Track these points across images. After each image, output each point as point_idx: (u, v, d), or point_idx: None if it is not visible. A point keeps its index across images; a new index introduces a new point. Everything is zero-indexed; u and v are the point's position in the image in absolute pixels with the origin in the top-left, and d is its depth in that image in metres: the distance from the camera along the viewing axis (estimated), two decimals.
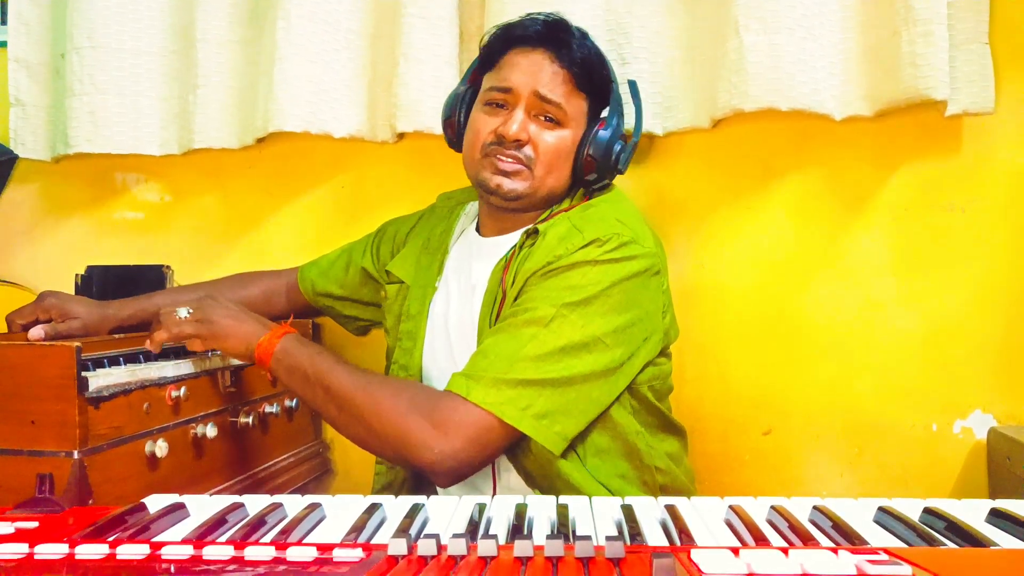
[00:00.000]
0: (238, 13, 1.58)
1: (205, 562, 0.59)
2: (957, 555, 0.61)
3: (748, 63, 1.32)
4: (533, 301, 1.08)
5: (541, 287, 1.09)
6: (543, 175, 1.16)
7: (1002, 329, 1.38)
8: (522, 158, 1.15)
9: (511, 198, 1.17)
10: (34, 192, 1.73)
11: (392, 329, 1.30)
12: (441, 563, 0.57)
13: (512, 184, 1.16)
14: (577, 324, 1.06)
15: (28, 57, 1.65)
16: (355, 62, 1.54)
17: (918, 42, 1.26)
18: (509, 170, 1.15)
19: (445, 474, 1.02)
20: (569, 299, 1.07)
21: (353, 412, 1.05)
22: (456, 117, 1.25)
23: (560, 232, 1.13)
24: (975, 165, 1.38)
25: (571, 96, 1.17)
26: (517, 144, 1.15)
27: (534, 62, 1.16)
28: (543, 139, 1.15)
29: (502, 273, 1.16)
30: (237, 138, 1.59)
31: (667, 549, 0.60)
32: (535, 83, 1.15)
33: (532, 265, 1.12)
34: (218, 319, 1.14)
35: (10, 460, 0.92)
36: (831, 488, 1.43)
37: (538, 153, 1.15)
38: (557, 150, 1.16)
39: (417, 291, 1.27)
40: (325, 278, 1.45)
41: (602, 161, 1.18)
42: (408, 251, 1.33)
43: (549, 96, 1.15)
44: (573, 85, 1.17)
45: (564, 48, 1.16)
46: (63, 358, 0.92)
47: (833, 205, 1.43)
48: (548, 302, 1.07)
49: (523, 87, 1.15)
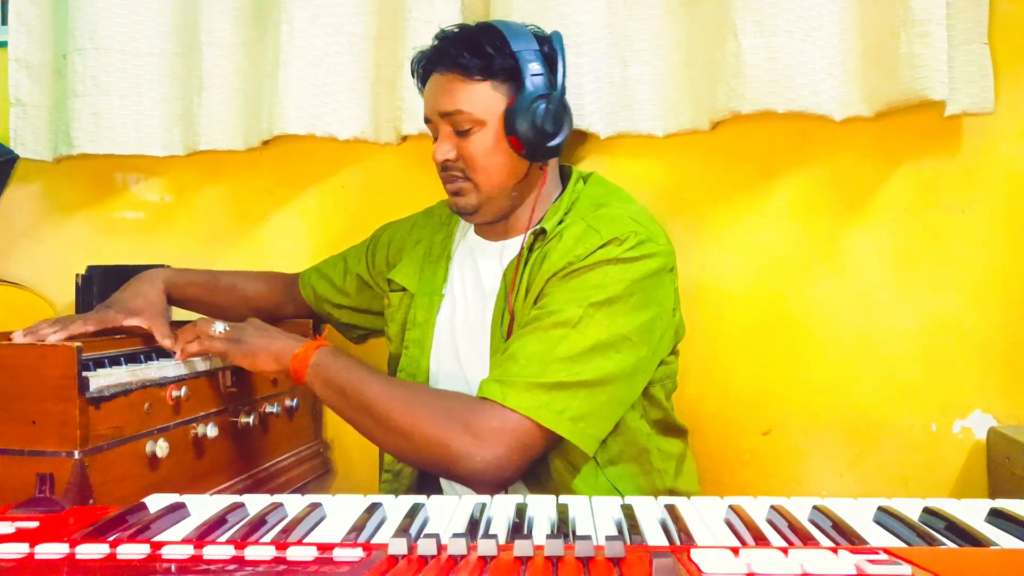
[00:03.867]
0: (241, 16, 1.58)
1: (205, 562, 0.59)
2: (957, 555, 0.61)
3: (746, 66, 1.33)
4: (558, 303, 1.08)
5: (564, 288, 1.09)
6: (484, 180, 1.17)
7: (1002, 329, 1.38)
8: (459, 175, 1.18)
9: (469, 212, 1.20)
10: (34, 192, 1.73)
11: (396, 337, 1.30)
12: (441, 563, 0.57)
13: (464, 200, 1.19)
14: (604, 323, 1.06)
15: (28, 57, 1.65)
16: (358, 65, 1.54)
17: (916, 43, 1.26)
18: (456, 188, 1.19)
19: (489, 483, 1.02)
20: (595, 299, 1.07)
21: (391, 425, 1.05)
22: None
23: (576, 233, 1.13)
24: (975, 165, 1.38)
25: (469, 94, 1.15)
26: (447, 165, 1.18)
27: (435, 84, 1.18)
28: (467, 150, 1.16)
29: (512, 275, 1.17)
30: (243, 140, 1.59)
31: (667, 549, 0.60)
32: (436, 105, 1.17)
33: (551, 266, 1.12)
34: (250, 338, 1.14)
35: (11, 460, 0.92)
36: (831, 488, 1.43)
37: (469, 163, 1.17)
38: (482, 152, 1.16)
39: (423, 299, 1.27)
40: (324, 284, 1.45)
41: (528, 133, 1.14)
42: (410, 259, 1.32)
43: (447, 109, 1.15)
44: (467, 80, 1.15)
45: (445, 56, 1.16)
46: (64, 358, 0.92)
47: (833, 205, 1.43)
48: (574, 303, 1.07)
49: (432, 114, 1.18)
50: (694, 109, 1.43)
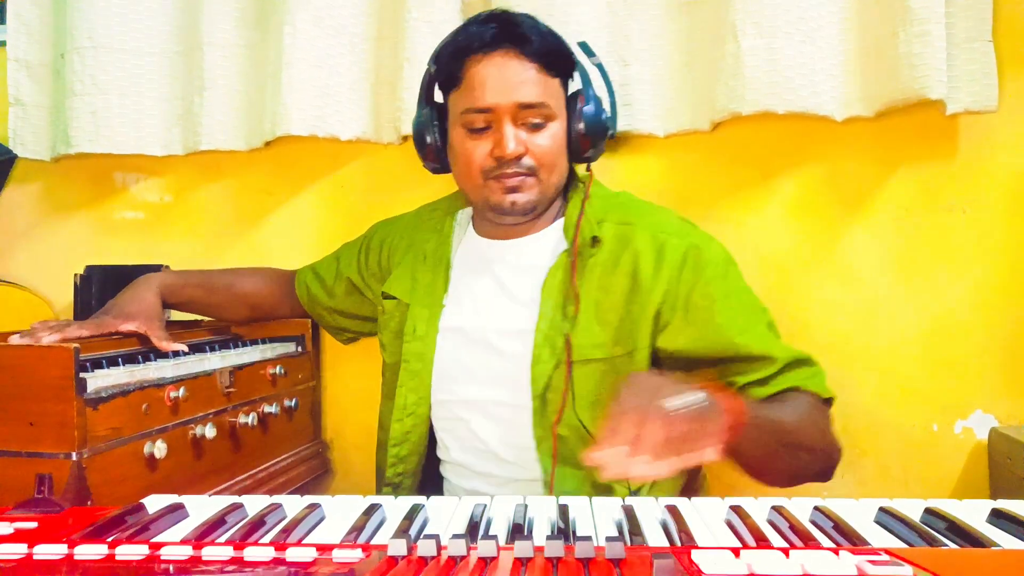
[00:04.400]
0: (243, 17, 1.58)
1: (204, 562, 0.59)
2: (958, 555, 0.61)
3: (746, 67, 1.32)
4: (735, 298, 1.14)
5: (721, 287, 1.13)
6: (547, 177, 1.15)
7: (1003, 329, 1.38)
8: (524, 170, 1.12)
9: (528, 210, 1.15)
10: (33, 192, 1.73)
11: (390, 346, 1.27)
12: (441, 564, 0.57)
13: (525, 197, 1.13)
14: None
15: (28, 57, 1.65)
16: (359, 66, 1.54)
17: (915, 42, 1.26)
18: (517, 184, 1.13)
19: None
20: (747, 287, 1.17)
21: (804, 446, 1.05)
22: (433, 142, 1.21)
23: (650, 243, 1.13)
24: (976, 165, 1.38)
25: (548, 88, 1.13)
26: (517, 159, 1.12)
27: (503, 69, 1.11)
28: (537, 144, 1.13)
29: (570, 276, 1.14)
30: (244, 141, 1.59)
31: (668, 550, 0.60)
32: (512, 94, 1.10)
33: (661, 274, 1.11)
34: (709, 415, 0.82)
35: (9, 461, 0.91)
36: (832, 488, 1.43)
37: (537, 159, 1.13)
38: (553, 149, 1.14)
39: (421, 311, 1.22)
40: (317, 285, 1.42)
41: (597, 134, 1.17)
42: (402, 267, 1.29)
43: (531, 101, 1.11)
44: (546, 75, 1.13)
45: (525, 42, 1.11)
46: (62, 359, 0.92)
47: (834, 205, 1.43)
48: (747, 295, 1.16)
49: (502, 102, 1.10)
50: (694, 109, 1.43)
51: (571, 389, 1.10)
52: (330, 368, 1.61)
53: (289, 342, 1.51)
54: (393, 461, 1.22)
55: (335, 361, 1.61)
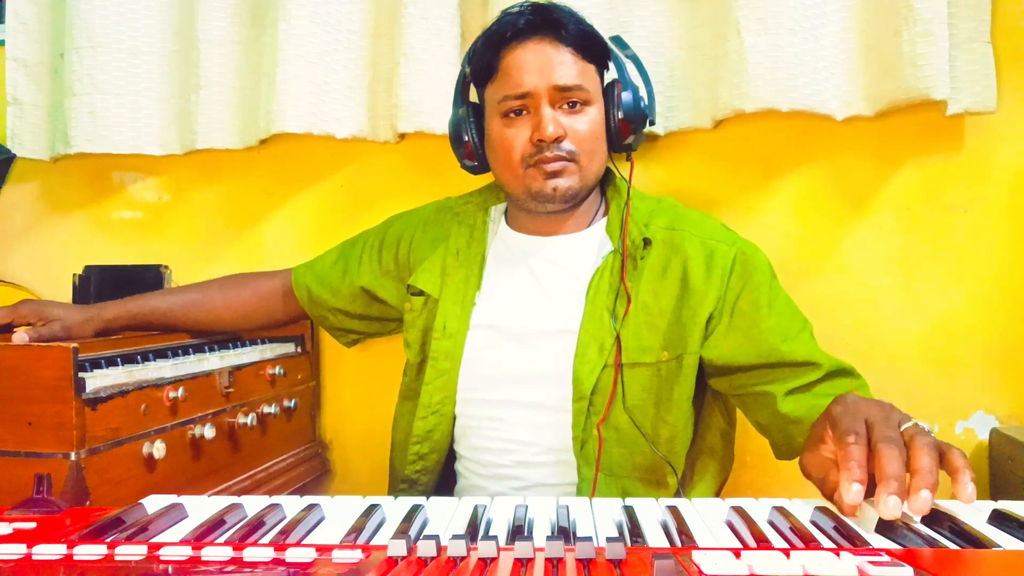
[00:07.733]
0: (239, 14, 1.57)
1: (203, 563, 0.58)
2: (959, 556, 0.60)
3: (749, 64, 1.32)
4: (779, 304, 1.13)
5: (766, 294, 1.12)
6: (588, 162, 1.13)
7: (1005, 329, 1.38)
8: (564, 154, 1.10)
9: (569, 197, 1.13)
10: (31, 191, 1.73)
11: (415, 343, 1.24)
12: (441, 564, 0.56)
13: (566, 182, 1.11)
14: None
15: (26, 56, 1.64)
16: (356, 63, 1.53)
17: (918, 42, 1.26)
18: (558, 169, 1.11)
19: None
20: (788, 296, 1.16)
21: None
22: (470, 140, 1.20)
23: (700, 249, 1.13)
24: (977, 165, 1.38)
25: (585, 72, 1.12)
26: (557, 142, 1.10)
27: (539, 54, 1.10)
28: (576, 128, 1.11)
29: (619, 277, 1.13)
30: (240, 139, 1.58)
31: (668, 550, 0.60)
32: (550, 77, 1.09)
33: (712, 280, 1.11)
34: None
35: (7, 462, 0.91)
36: None
37: (577, 143, 1.11)
38: (592, 133, 1.13)
39: (452, 307, 1.19)
40: (320, 284, 1.37)
41: (637, 120, 1.17)
42: (432, 263, 1.24)
43: (568, 83, 1.10)
44: (582, 60, 1.12)
45: (561, 28, 1.11)
46: (60, 359, 0.91)
47: (835, 204, 1.43)
48: (790, 303, 1.15)
49: (539, 84, 1.09)
50: (696, 107, 1.42)
51: (620, 391, 1.09)
52: (329, 368, 1.61)
53: (288, 342, 1.51)
54: (413, 459, 1.20)
55: (334, 361, 1.61)
